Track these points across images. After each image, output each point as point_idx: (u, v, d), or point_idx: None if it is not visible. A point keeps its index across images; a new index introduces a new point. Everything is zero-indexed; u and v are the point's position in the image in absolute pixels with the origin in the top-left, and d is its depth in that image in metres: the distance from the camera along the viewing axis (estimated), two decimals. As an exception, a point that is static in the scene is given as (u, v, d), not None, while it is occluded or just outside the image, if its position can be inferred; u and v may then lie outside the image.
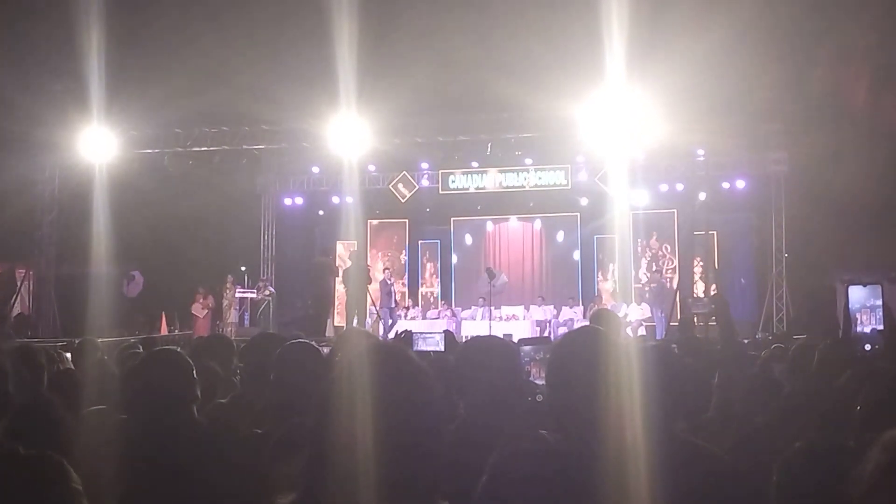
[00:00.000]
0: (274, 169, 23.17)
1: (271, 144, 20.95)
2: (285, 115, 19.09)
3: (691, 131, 18.09)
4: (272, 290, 21.77)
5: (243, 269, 23.13)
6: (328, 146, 19.41)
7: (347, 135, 18.84)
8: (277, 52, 16.53)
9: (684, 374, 2.90)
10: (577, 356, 2.42)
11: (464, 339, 11.61)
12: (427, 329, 16.09)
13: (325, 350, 4.34)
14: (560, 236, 23.48)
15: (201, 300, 20.94)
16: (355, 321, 18.87)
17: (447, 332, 8.54)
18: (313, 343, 4.03)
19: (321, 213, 23.96)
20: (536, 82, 16.43)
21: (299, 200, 24.07)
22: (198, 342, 6.99)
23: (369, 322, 20.18)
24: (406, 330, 6.62)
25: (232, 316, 21.34)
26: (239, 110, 18.62)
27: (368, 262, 22.30)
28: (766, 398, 4.11)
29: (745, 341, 13.05)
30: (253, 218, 23.42)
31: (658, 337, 18.06)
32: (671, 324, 18.32)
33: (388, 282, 20.61)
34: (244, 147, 20.99)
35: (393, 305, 19.92)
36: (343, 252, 22.36)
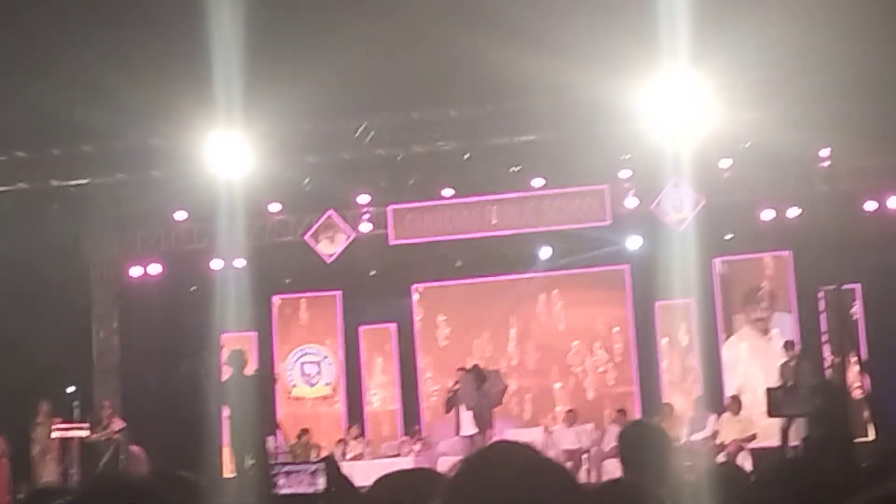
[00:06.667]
0: (108, 218, 22.79)
1: (101, 177, 20.85)
2: (123, 126, 19.32)
3: (807, 118, 18.12)
4: (121, 423, 20.97)
5: (71, 389, 22.08)
6: (200, 173, 19.66)
7: (230, 152, 19.16)
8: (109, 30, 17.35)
9: None
10: None
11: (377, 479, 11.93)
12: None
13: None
14: (597, 307, 23.60)
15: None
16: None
17: (329, 461, 10.66)
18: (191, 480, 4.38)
19: (193, 288, 23.70)
20: (546, 46, 16.77)
21: (155, 269, 23.68)
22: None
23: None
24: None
25: (48, 471, 20.94)
26: (44, 122, 19.02)
27: (276, 369, 22.65)
28: None
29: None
30: (78, 301, 22.89)
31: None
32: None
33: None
34: (54, 183, 20.90)
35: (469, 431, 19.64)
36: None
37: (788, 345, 19.82)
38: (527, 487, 2.37)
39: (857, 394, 19.09)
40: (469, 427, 19.80)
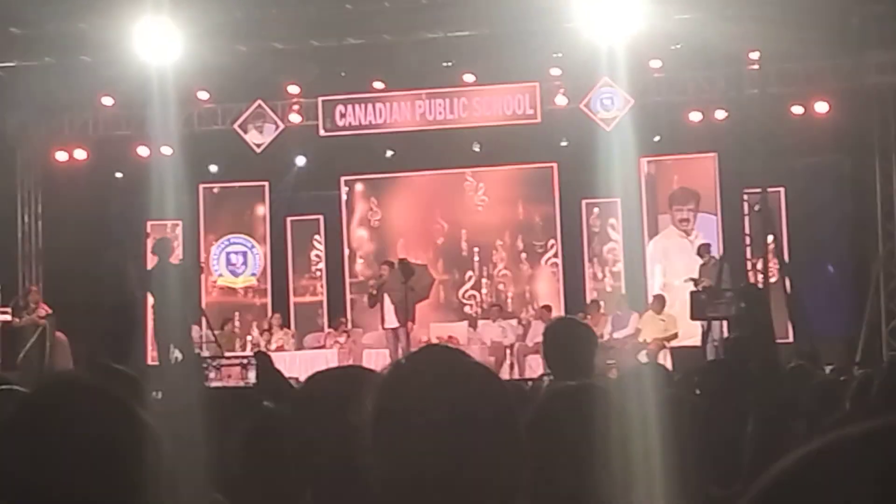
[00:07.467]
0: (35, 102, 22.27)
1: (28, 60, 20.73)
2: (52, 9, 19.02)
3: (737, 20, 18.16)
4: (46, 309, 20.81)
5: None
6: (129, 59, 19.42)
7: (159, 38, 18.97)
8: None
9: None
10: (413, 412, 2.41)
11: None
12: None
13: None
14: (525, 203, 23.59)
15: None
16: (174, 358, 17.68)
17: (260, 356, 9.89)
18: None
19: (119, 175, 23.71)
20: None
21: (81, 154, 23.47)
22: None
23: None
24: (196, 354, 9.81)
25: (-29, 356, 20.49)
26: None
27: (202, 257, 22.76)
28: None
29: (832, 371, 12.27)
30: (2, 185, 22.77)
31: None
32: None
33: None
34: (-21, 66, 20.97)
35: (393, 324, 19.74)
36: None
37: (703, 248, 19.80)
38: (455, 392, 2.44)
39: (777, 296, 19.32)
40: (393, 320, 19.86)
